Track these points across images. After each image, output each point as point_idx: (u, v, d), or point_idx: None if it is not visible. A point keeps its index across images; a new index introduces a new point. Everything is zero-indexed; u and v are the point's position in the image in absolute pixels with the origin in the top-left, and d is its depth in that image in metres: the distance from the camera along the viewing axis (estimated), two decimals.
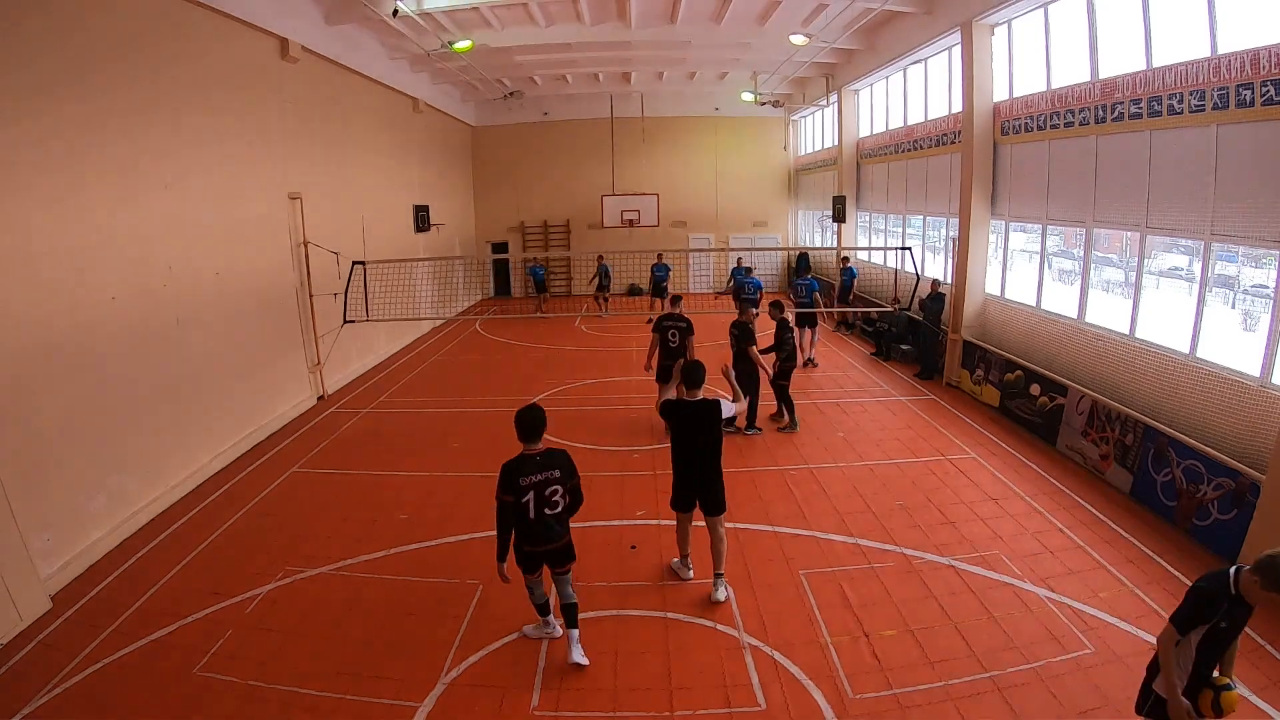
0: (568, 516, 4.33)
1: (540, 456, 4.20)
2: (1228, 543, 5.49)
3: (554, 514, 4.23)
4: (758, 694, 4.17)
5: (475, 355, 14.08)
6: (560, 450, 4.27)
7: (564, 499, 4.23)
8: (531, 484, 4.13)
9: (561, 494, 4.21)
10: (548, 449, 4.25)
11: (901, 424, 9.00)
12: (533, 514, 4.16)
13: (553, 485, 4.17)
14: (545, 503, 4.17)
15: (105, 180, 6.39)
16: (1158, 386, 7.03)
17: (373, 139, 13.49)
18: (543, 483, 4.15)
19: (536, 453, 4.20)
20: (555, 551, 4.32)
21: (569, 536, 4.38)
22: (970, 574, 5.39)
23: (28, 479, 5.34)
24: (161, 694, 4.25)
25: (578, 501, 4.36)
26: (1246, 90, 5.82)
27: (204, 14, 7.86)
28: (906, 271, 11.62)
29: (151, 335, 6.94)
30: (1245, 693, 4.02)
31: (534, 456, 4.19)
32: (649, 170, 21.01)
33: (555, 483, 4.18)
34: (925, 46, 11.76)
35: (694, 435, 4.99)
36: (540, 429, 4.24)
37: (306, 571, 5.64)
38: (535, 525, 4.20)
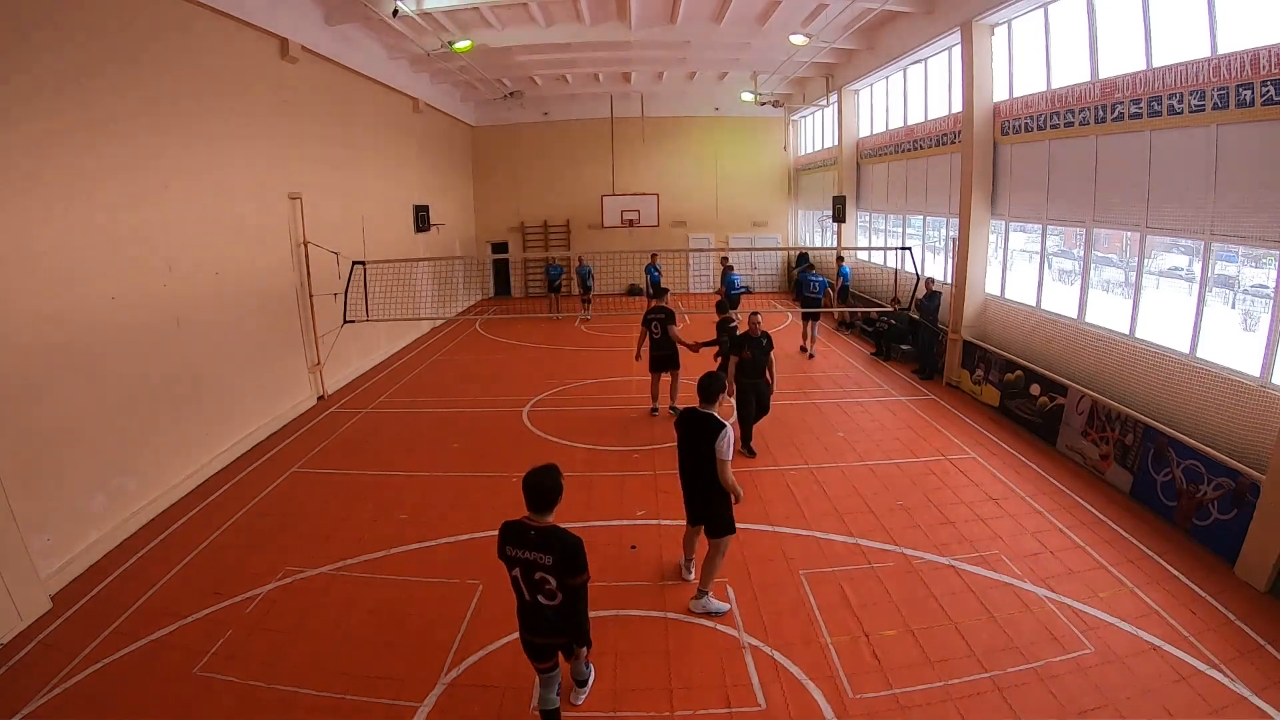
0: (572, 612, 3.48)
1: (536, 532, 3.38)
2: (1228, 543, 5.49)
3: (550, 604, 3.42)
4: (758, 694, 4.17)
5: (475, 355, 14.08)
6: (565, 536, 3.38)
7: (560, 594, 3.39)
8: (518, 559, 3.39)
9: (555, 587, 3.37)
10: (551, 527, 3.40)
11: (901, 424, 9.00)
12: (526, 595, 3.45)
13: (541, 572, 3.36)
14: (537, 589, 3.40)
15: (105, 180, 6.38)
16: (1158, 386, 7.03)
17: (373, 139, 13.49)
18: (530, 564, 3.37)
19: (535, 526, 3.40)
20: (554, 646, 3.60)
21: (577, 632, 3.58)
22: (970, 574, 5.39)
23: (28, 479, 5.34)
24: (161, 694, 4.25)
25: (571, 602, 3.43)
26: (1246, 90, 5.82)
27: (204, 14, 7.86)
28: (907, 271, 11.64)
29: (151, 335, 6.94)
30: (1246, 692, 4.03)
31: (530, 530, 3.40)
32: (649, 170, 21.02)
33: (545, 571, 3.35)
34: (925, 46, 11.76)
35: (685, 447, 4.84)
36: (547, 498, 3.40)
37: (306, 571, 5.64)
38: (529, 610, 3.49)
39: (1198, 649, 4.43)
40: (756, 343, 7.72)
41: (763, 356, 7.75)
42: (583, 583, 3.40)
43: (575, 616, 3.48)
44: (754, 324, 7.80)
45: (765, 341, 7.76)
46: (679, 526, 6.26)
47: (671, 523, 6.34)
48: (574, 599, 3.42)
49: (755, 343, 7.71)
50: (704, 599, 4.97)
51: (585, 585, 3.44)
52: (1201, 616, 4.79)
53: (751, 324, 7.82)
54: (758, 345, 7.71)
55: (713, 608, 4.95)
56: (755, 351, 7.69)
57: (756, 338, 7.73)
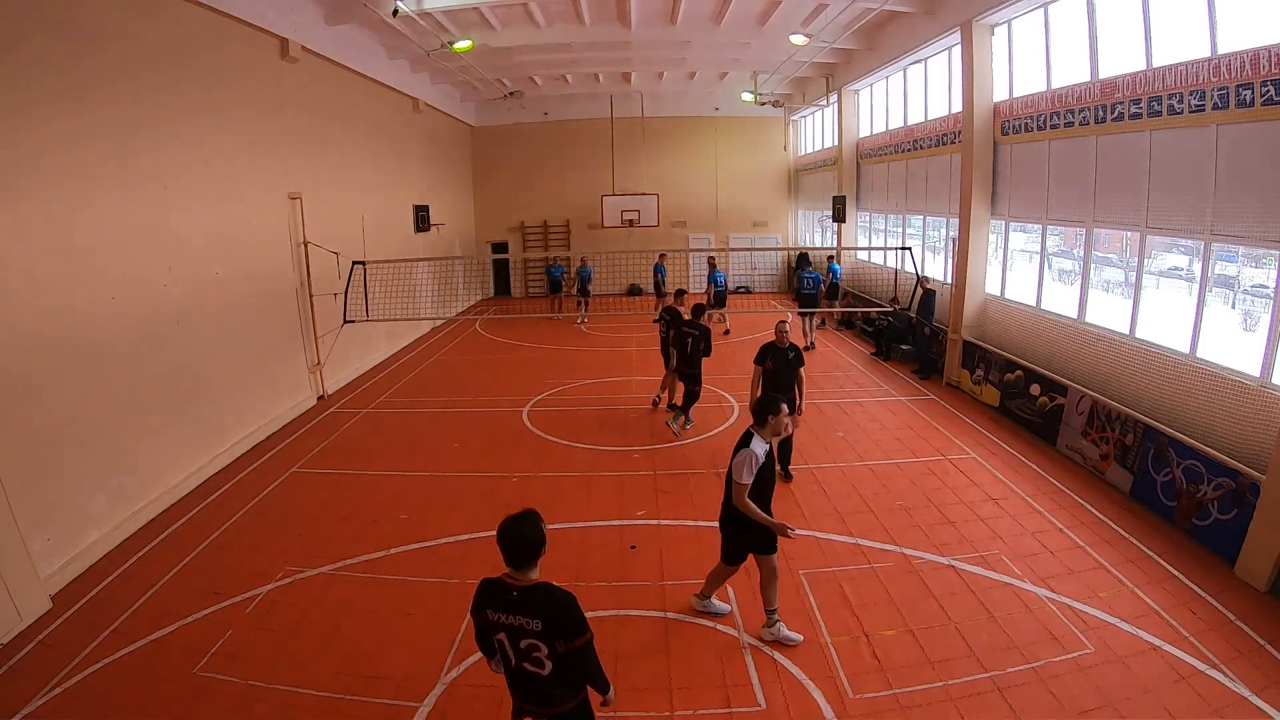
0: (569, 682, 2.88)
1: (519, 593, 2.76)
2: (1228, 543, 5.49)
3: (540, 673, 2.82)
4: (758, 694, 4.17)
5: (475, 355, 14.08)
6: (554, 595, 2.78)
7: (552, 661, 2.79)
8: (501, 624, 2.79)
9: (546, 655, 2.77)
10: (535, 585, 2.79)
11: (901, 424, 9.00)
12: (512, 661, 2.85)
13: (529, 639, 2.76)
14: (525, 656, 2.81)
15: (105, 180, 6.38)
16: (1158, 386, 7.02)
17: (373, 139, 13.49)
18: (516, 630, 2.77)
19: (517, 586, 2.78)
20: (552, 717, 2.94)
21: (575, 702, 2.93)
22: (970, 574, 5.39)
23: (28, 479, 5.34)
24: (161, 694, 4.24)
25: (583, 667, 2.85)
26: (1246, 90, 5.82)
27: (204, 14, 7.85)
28: (907, 271, 11.65)
29: (151, 335, 6.94)
30: (1246, 692, 4.03)
31: (511, 590, 2.78)
32: (649, 170, 21.01)
33: (533, 638, 2.75)
34: (925, 46, 11.76)
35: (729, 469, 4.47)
36: (527, 552, 2.80)
37: (306, 571, 5.64)
38: (517, 677, 2.89)
39: (1198, 649, 4.43)
40: (781, 354, 6.91)
41: (788, 371, 6.91)
42: (585, 643, 2.80)
43: (584, 678, 2.91)
44: (780, 333, 6.97)
45: (792, 354, 6.95)
46: (679, 526, 6.28)
47: (671, 522, 6.35)
48: (577, 662, 2.82)
49: (780, 354, 6.92)
50: (774, 626, 4.61)
51: (589, 644, 2.83)
52: (1201, 616, 4.79)
53: (778, 333, 6.99)
54: (782, 357, 6.91)
55: (781, 635, 4.58)
56: (778, 363, 6.89)
57: (783, 349, 6.93)
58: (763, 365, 6.96)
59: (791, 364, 6.93)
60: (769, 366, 6.92)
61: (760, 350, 7.06)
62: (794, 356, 6.96)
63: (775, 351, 6.95)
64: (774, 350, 6.96)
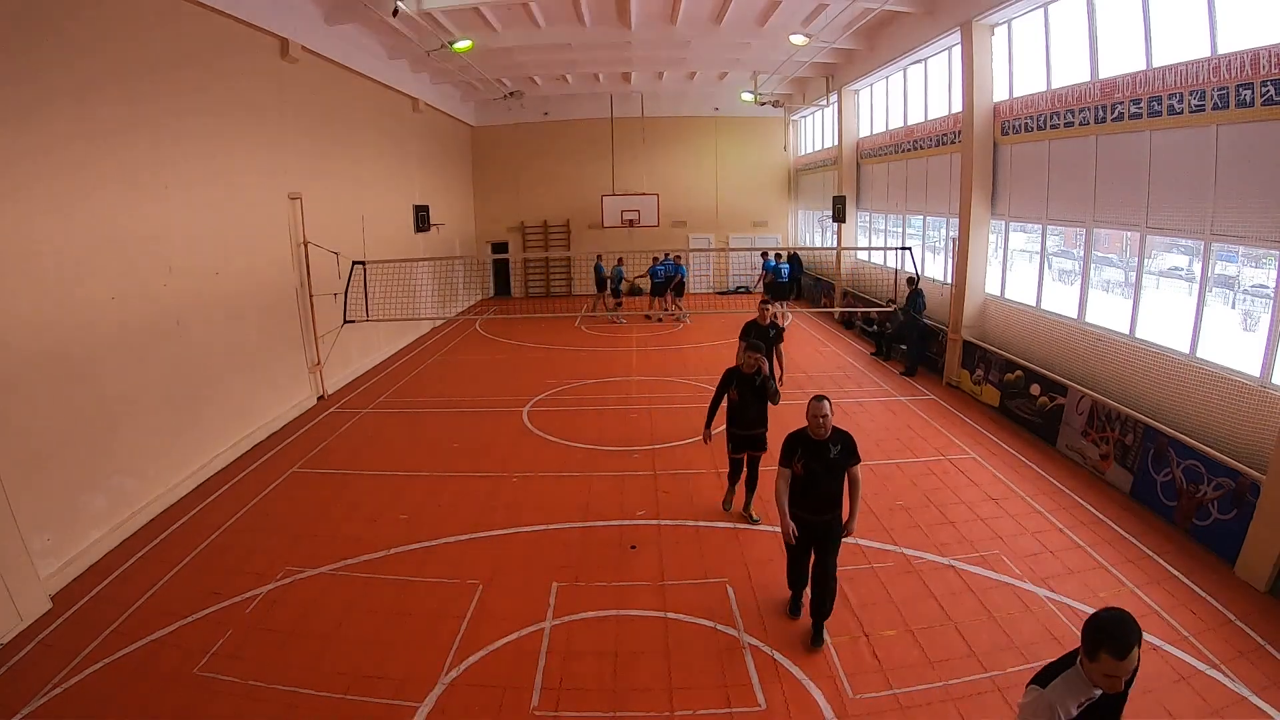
0: None
1: None
2: (1228, 543, 5.49)
3: None
4: (758, 694, 4.17)
5: (475, 355, 14.07)
6: None
7: None
8: None
9: None
10: None
11: (901, 424, 9.00)
12: None
13: None
14: None
15: (105, 180, 6.38)
16: (1158, 386, 7.02)
17: (373, 139, 13.49)
18: None
19: None
20: None
21: None
22: (970, 574, 5.39)
23: (28, 479, 5.34)
24: (161, 694, 4.25)
25: None
26: (1246, 90, 5.82)
27: (204, 14, 7.85)
28: (906, 271, 11.66)
29: (151, 335, 6.94)
30: (1246, 692, 4.03)
31: None
32: (649, 170, 21.02)
33: None
34: (925, 46, 11.76)
35: None
36: None
37: (306, 571, 5.64)
38: None
39: (1198, 649, 4.43)
40: (762, 331, 7.66)
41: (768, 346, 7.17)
42: None
43: None
44: (762, 311, 7.72)
45: (772, 332, 7.70)
46: (679, 526, 6.28)
47: (671, 522, 6.35)
48: None
49: (761, 331, 7.70)
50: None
51: None
52: (1201, 616, 4.79)
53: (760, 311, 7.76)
54: (763, 334, 7.64)
55: None
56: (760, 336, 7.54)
57: (764, 326, 7.71)
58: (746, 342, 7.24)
59: (772, 340, 7.73)
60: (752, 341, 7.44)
61: (744, 327, 7.98)
62: (774, 334, 7.82)
63: (756, 328, 7.90)
64: (755, 326, 7.95)
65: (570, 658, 4.51)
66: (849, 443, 4.48)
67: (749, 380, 5.96)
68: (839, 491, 4.49)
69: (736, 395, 6.03)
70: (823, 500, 4.47)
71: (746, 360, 5.66)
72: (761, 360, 5.77)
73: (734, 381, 6.01)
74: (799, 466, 4.44)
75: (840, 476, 4.47)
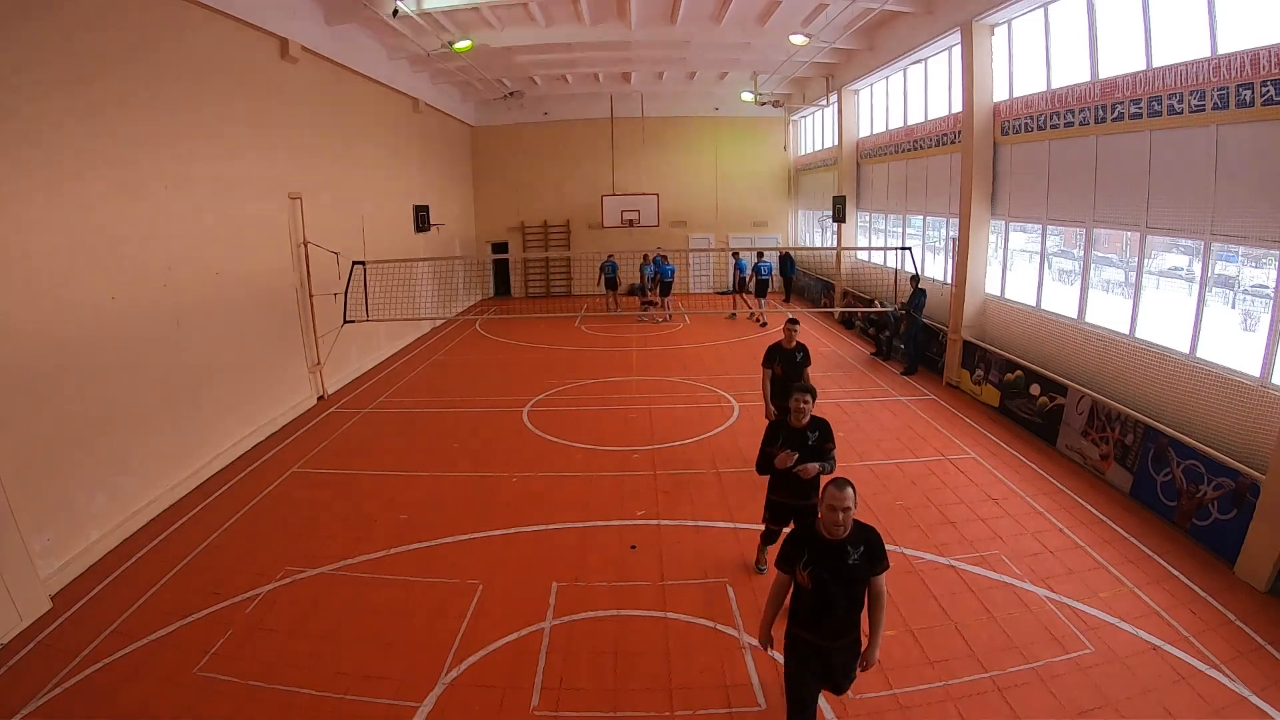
0: None
1: None
2: (1228, 543, 5.49)
3: None
4: (758, 694, 4.17)
5: (475, 355, 14.07)
6: None
7: None
8: None
9: None
10: None
11: (901, 424, 9.00)
12: None
13: None
14: None
15: (105, 181, 6.38)
16: (1158, 386, 7.02)
17: (373, 139, 13.48)
18: None
19: None
20: None
21: None
22: (970, 574, 5.39)
23: (28, 479, 5.33)
24: (161, 694, 4.24)
25: None
26: (1246, 90, 5.82)
27: (204, 14, 7.85)
28: (906, 271, 11.67)
29: (151, 335, 6.94)
30: (1246, 692, 4.03)
31: None
32: (649, 170, 21.02)
33: None
34: (925, 46, 11.76)
35: None
36: None
37: (306, 571, 5.64)
38: None
39: (1198, 649, 4.43)
40: (789, 356, 6.70)
41: (796, 374, 6.66)
42: None
43: None
44: (789, 333, 6.71)
45: (800, 356, 6.75)
46: (679, 526, 6.28)
47: (671, 523, 6.35)
48: None
49: (788, 356, 6.70)
50: None
51: None
52: (1201, 616, 4.79)
53: (786, 333, 6.74)
54: (790, 359, 6.71)
55: None
56: (787, 366, 6.70)
57: (790, 350, 6.69)
58: (771, 368, 6.85)
59: (800, 365, 6.74)
60: (778, 371, 6.79)
61: (767, 352, 6.89)
62: (801, 358, 6.77)
63: (783, 354, 6.76)
64: (781, 352, 6.78)
65: (570, 658, 4.51)
66: (875, 544, 3.26)
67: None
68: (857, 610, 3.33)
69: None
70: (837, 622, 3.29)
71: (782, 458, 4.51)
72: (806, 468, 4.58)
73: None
74: (804, 576, 3.23)
75: (860, 590, 3.28)
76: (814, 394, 4.74)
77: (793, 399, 4.67)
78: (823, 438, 4.69)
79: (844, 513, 3.14)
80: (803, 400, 4.65)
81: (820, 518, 3.23)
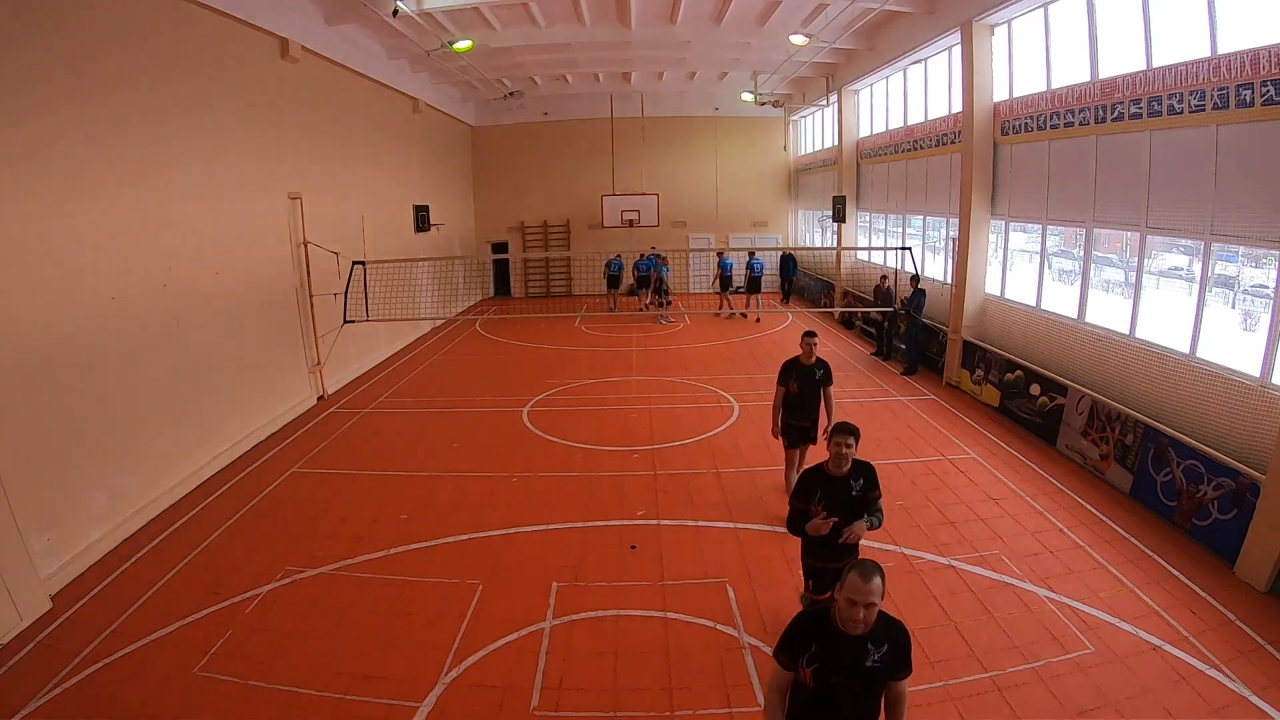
0: None
1: None
2: (1228, 543, 5.49)
3: None
4: (758, 694, 4.16)
5: (475, 355, 14.08)
6: None
7: None
8: None
9: None
10: None
11: (901, 424, 9.00)
12: None
13: None
14: None
15: (105, 180, 6.38)
16: (1158, 386, 7.02)
17: (373, 139, 13.49)
18: None
19: None
20: None
21: None
22: (970, 574, 5.39)
23: (28, 479, 5.33)
24: (161, 694, 4.24)
25: None
26: (1246, 90, 5.82)
27: (204, 14, 7.85)
28: (906, 271, 11.67)
29: (151, 335, 6.94)
30: (1246, 692, 4.03)
31: None
32: (649, 170, 21.01)
33: None
34: (925, 46, 11.76)
35: None
36: None
37: (306, 571, 5.64)
38: None
39: (1198, 649, 4.43)
40: (808, 373, 6.08)
41: (814, 393, 6.12)
42: None
43: None
44: (808, 347, 6.01)
45: (820, 373, 6.10)
46: (679, 526, 6.28)
47: (671, 523, 6.35)
48: None
49: (806, 373, 6.08)
50: None
51: None
52: (1201, 616, 4.79)
53: (805, 348, 6.04)
54: (808, 376, 6.08)
55: None
56: (804, 384, 6.08)
57: (809, 366, 6.07)
58: (786, 386, 6.12)
59: (819, 383, 6.05)
60: (794, 388, 6.06)
61: (783, 368, 6.15)
62: (821, 375, 6.07)
63: (800, 371, 6.03)
64: (798, 369, 6.05)
65: (570, 658, 4.51)
66: (902, 645, 2.65)
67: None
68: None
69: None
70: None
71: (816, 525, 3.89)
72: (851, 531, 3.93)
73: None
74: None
75: (878, 694, 2.66)
76: (857, 435, 4.01)
77: (832, 442, 4.01)
78: (868, 485, 4.00)
79: (867, 609, 2.48)
80: (845, 445, 3.94)
81: (836, 608, 2.54)
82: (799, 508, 3.96)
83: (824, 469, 4.02)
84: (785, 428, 6.25)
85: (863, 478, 4.00)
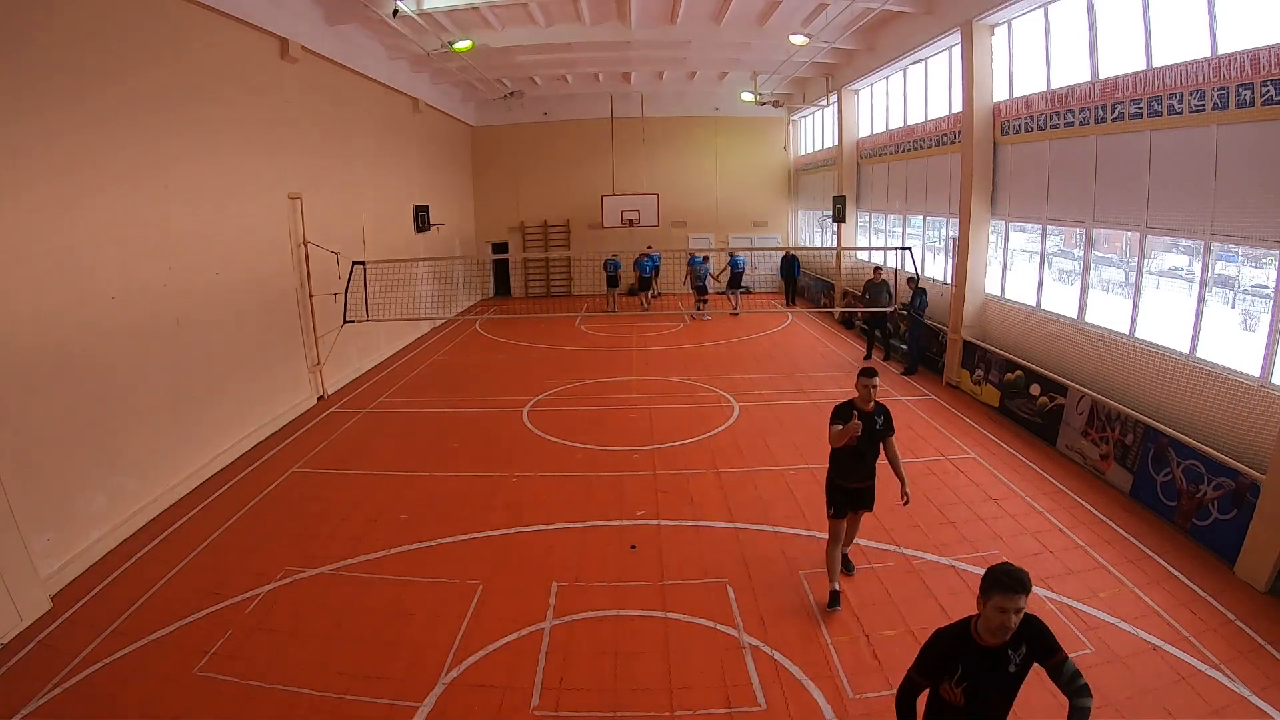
0: None
1: None
2: (1228, 543, 5.49)
3: None
4: (758, 694, 4.17)
5: (475, 355, 14.08)
6: None
7: None
8: None
9: None
10: None
11: (901, 424, 8.84)
12: None
13: None
14: None
15: (105, 180, 6.38)
16: (1158, 386, 7.02)
17: (373, 139, 13.49)
18: None
19: None
20: None
21: None
22: (970, 574, 5.38)
23: (28, 479, 5.33)
24: (161, 694, 4.24)
25: None
26: (1246, 90, 5.82)
27: (204, 14, 7.85)
28: (906, 271, 11.67)
29: (151, 335, 6.94)
30: (1246, 692, 4.03)
31: None
32: (649, 170, 21.01)
33: None
34: (925, 46, 11.76)
35: None
36: None
37: (306, 571, 5.64)
38: None
39: (1198, 649, 4.43)
40: (868, 420, 4.78)
41: (872, 445, 4.91)
42: None
43: None
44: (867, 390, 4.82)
45: (880, 421, 4.88)
46: (679, 526, 6.28)
47: (671, 523, 6.35)
48: None
49: (865, 420, 4.77)
50: None
51: None
52: (1201, 616, 4.79)
53: (863, 389, 4.84)
54: (868, 425, 4.78)
55: None
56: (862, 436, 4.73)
57: (868, 414, 4.81)
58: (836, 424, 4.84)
59: (879, 434, 4.88)
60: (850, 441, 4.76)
61: (835, 412, 4.86)
62: (883, 424, 4.88)
63: (859, 415, 4.77)
64: (857, 415, 4.77)
65: (570, 658, 4.51)
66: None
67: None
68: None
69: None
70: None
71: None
72: None
73: None
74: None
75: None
76: None
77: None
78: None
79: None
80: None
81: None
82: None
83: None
84: (833, 490, 5.06)
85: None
